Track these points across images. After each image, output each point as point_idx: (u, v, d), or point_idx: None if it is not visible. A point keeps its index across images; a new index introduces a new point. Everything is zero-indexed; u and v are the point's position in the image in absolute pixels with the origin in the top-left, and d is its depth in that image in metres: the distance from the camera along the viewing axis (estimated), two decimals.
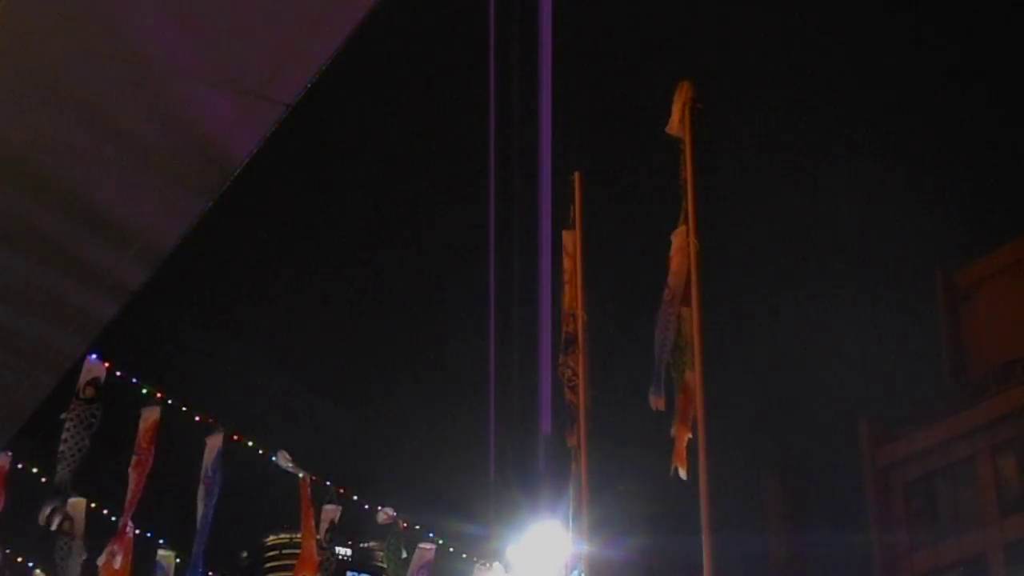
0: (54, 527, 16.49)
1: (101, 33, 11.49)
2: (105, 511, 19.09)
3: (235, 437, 17.76)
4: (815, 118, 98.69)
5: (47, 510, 16.21)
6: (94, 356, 16.71)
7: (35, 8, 11.24)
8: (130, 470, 16.94)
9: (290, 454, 18.49)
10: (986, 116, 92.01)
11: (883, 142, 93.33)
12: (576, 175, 13.79)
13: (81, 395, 16.34)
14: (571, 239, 13.62)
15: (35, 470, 18.90)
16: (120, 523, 17.25)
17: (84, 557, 17.15)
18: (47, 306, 15.86)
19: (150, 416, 17.04)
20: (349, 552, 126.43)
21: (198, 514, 17.15)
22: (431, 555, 19.20)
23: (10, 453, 18.52)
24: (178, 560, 20.14)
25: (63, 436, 16.14)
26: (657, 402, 11.31)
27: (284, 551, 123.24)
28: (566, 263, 13.61)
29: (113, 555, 17.19)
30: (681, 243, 11.42)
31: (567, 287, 13.62)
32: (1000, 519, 46.30)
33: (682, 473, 11.06)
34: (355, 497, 19.14)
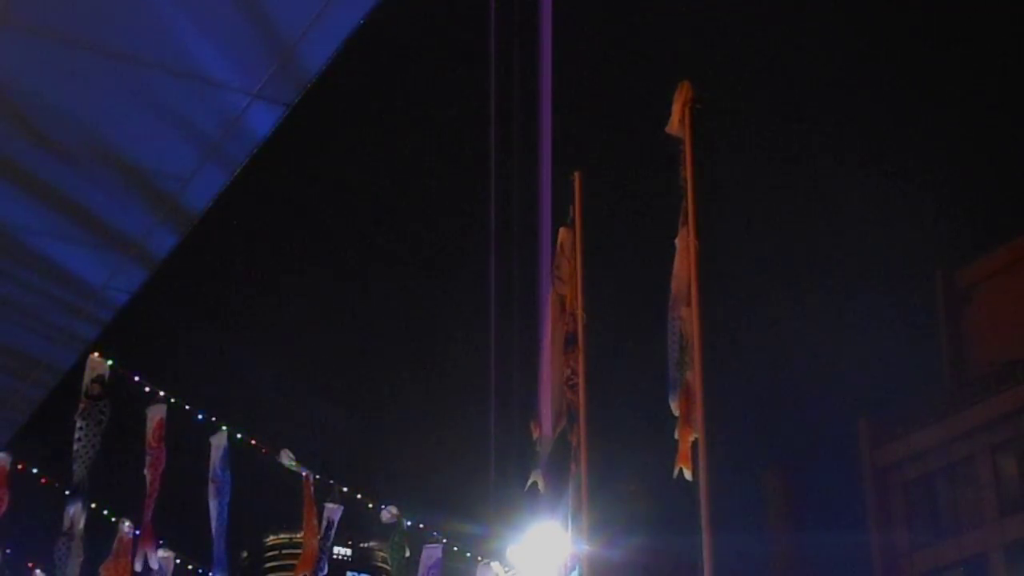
0: (79, 527, 16.46)
1: (102, 32, 11.50)
2: (104, 511, 19.10)
3: (239, 436, 17.76)
4: (815, 118, 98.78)
5: (70, 511, 16.20)
6: (96, 355, 16.71)
7: (37, 7, 11.26)
8: (145, 470, 16.95)
9: (293, 453, 18.50)
10: (986, 116, 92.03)
11: (883, 142, 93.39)
12: (576, 175, 13.79)
13: (88, 393, 16.31)
14: (568, 237, 13.62)
15: (35, 470, 18.89)
16: (143, 523, 17.25)
17: (82, 558, 17.13)
18: (47, 307, 15.86)
19: (156, 414, 17.03)
20: (349, 552, 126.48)
21: (212, 514, 17.17)
22: (439, 554, 19.18)
23: (10, 454, 18.54)
24: (178, 561, 20.14)
25: (76, 435, 16.11)
26: (678, 407, 11.27)
27: (284, 551, 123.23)
28: (563, 262, 13.60)
29: (146, 557, 17.30)
30: (684, 246, 11.41)
31: (566, 286, 13.61)
32: (1000, 519, 46.29)
33: (687, 474, 11.06)
34: (358, 496, 19.15)
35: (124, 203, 13.81)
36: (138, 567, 17.82)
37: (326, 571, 18.86)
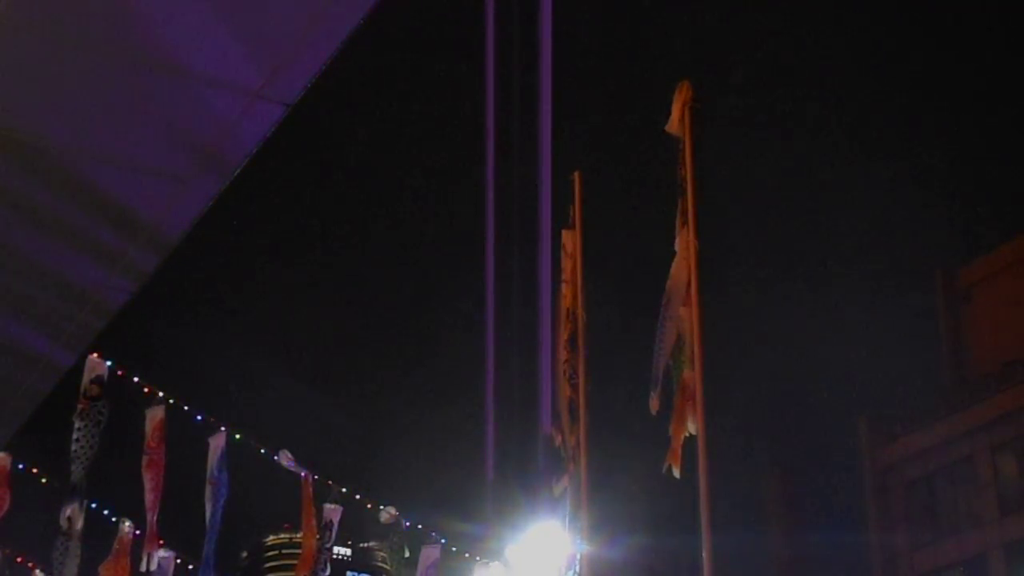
0: (77, 527, 16.46)
1: (102, 33, 11.50)
2: (104, 511, 19.11)
3: (237, 437, 17.76)
4: (816, 118, 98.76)
5: (67, 511, 16.20)
6: (95, 355, 16.71)
7: (39, 6, 11.26)
8: (143, 471, 16.94)
9: (292, 454, 18.51)
10: (986, 116, 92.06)
11: (883, 142, 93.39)
12: (576, 175, 13.78)
13: (87, 393, 16.30)
14: (571, 239, 13.62)
15: (35, 470, 18.90)
16: (148, 524, 17.23)
17: (80, 558, 17.12)
18: (46, 307, 15.86)
19: (155, 415, 17.02)
20: (349, 552, 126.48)
21: (207, 514, 17.18)
22: (437, 554, 19.23)
23: (10, 454, 18.54)
24: (178, 560, 20.15)
25: (74, 436, 16.10)
26: (655, 404, 11.32)
27: (284, 551, 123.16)
28: (566, 263, 13.61)
29: (150, 557, 17.29)
30: (683, 246, 11.40)
31: (567, 287, 13.62)
32: (1000, 519, 46.28)
33: (676, 472, 11.07)
34: (357, 496, 19.17)
35: (123, 202, 13.81)
36: (142, 567, 17.83)
37: (328, 572, 18.87)
